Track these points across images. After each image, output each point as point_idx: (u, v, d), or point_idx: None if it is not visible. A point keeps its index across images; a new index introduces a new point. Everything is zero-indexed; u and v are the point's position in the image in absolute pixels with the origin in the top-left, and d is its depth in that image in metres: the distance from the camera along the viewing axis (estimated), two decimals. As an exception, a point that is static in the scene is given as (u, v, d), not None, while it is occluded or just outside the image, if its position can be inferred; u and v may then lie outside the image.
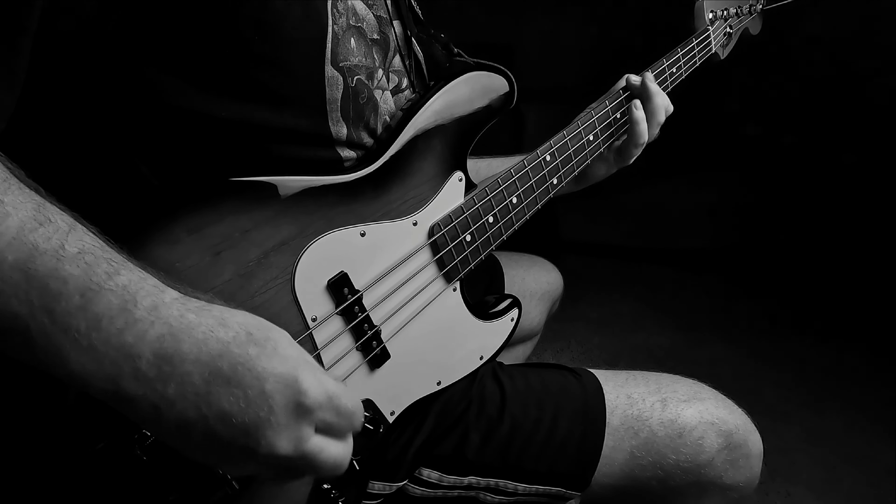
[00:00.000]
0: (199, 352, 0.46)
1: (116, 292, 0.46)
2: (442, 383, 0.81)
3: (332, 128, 0.71)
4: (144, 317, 0.46)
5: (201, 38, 0.61)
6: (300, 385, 0.48)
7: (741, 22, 1.27)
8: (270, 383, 0.47)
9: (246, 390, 0.46)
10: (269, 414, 0.46)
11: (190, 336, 0.46)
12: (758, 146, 2.92)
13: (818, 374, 2.16)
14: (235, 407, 0.46)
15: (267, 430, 0.47)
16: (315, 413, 0.49)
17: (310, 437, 0.49)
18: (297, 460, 0.49)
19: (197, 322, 0.47)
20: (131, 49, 0.59)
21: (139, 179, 0.64)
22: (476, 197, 0.81)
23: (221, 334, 0.47)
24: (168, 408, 0.46)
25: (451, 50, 0.85)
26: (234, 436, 0.46)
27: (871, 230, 2.75)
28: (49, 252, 0.45)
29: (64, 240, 0.46)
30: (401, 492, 0.82)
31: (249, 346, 0.47)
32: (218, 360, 0.46)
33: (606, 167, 1.06)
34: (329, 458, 0.50)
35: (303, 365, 0.49)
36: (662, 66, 1.07)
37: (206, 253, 0.58)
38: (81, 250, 0.46)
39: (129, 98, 0.61)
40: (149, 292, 0.47)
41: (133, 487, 0.57)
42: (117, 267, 0.47)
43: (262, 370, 0.47)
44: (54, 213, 0.48)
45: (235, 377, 0.46)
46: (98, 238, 0.49)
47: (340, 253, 0.67)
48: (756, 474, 0.89)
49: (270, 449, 0.47)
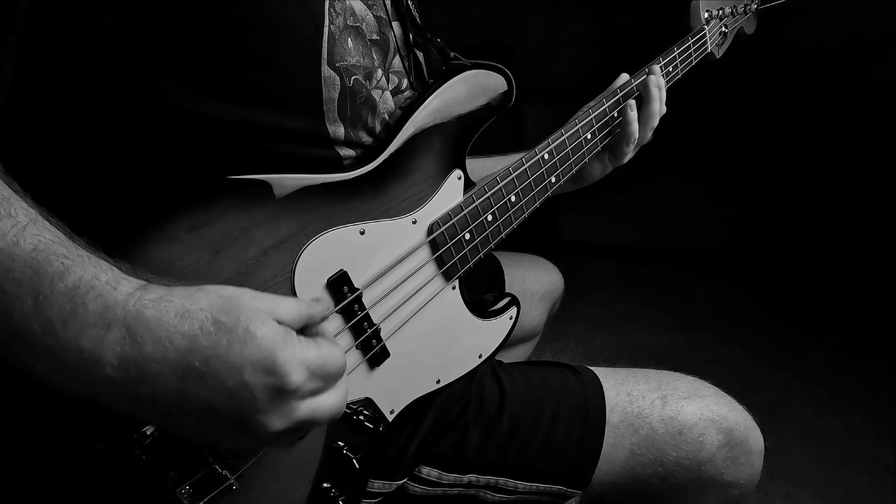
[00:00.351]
0: (164, 351, 0.44)
1: (66, 294, 0.44)
2: (441, 382, 0.81)
3: (329, 128, 0.71)
4: (96, 321, 0.44)
5: (197, 40, 0.61)
6: (278, 368, 0.45)
7: (736, 21, 1.28)
8: (248, 372, 0.45)
9: (224, 382, 0.45)
10: (253, 401, 0.45)
11: (151, 335, 0.44)
12: (758, 146, 2.92)
13: (818, 374, 2.16)
14: (218, 397, 0.45)
15: (256, 415, 0.46)
16: (300, 390, 0.47)
17: (299, 407, 0.48)
18: (295, 427, 0.48)
19: (156, 319, 0.44)
20: (127, 50, 0.59)
21: (138, 178, 0.64)
22: (475, 195, 0.81)
23: (186, 328, 0.45)
24: (149, 406, 0.45)
25: (447, 54, 0.85)
26: (223, 422, 0.46)
27: (871, 230, 2.75)
28: (4, 250, 0.43)
29: (20, 236, 0.44)
30: (401, 490, 0.82)
31: (219, 335, 0.45)
32: (188, 357, 0.44)
33: (602, 167, 1.06)
34: (325, 413, 0.50)
35: (277, 343, 0.46)
36: (659, 65, 1.07)
37: (205, 251, 0.58)
38: (36, 247, 0.44)
39: (126, 99, 0.61)
40: (99, 292, 0.45)
41: (132, 487, 0.57)
42: (69, 265, 0.45)
43: (236, 360, 0.45)
44: (17, 208, 0.46)
45: (210, 371, 0.44)
46: (59, 232, 0.47)
47: (340, 251, 0.67)
48: (757, 472, 0.89)
49: (264, 428, 0.47)
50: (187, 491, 0.57)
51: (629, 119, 0.99)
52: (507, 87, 0.82)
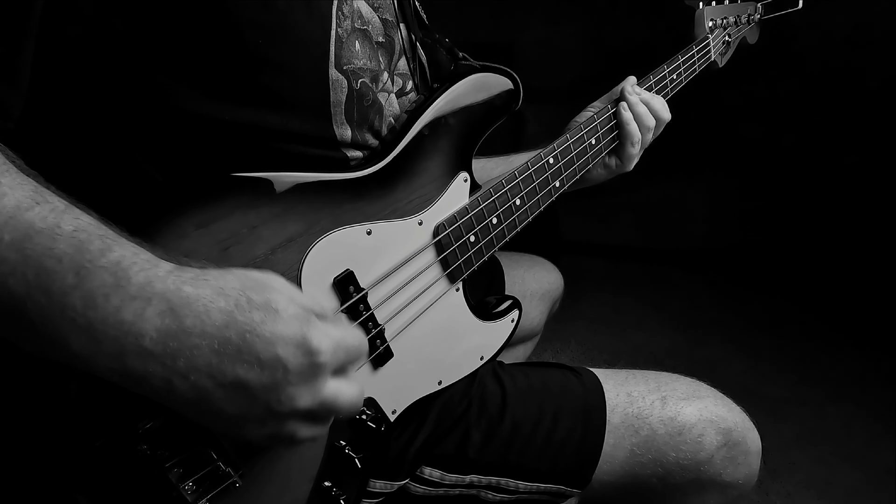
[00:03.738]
0: (203, 325, 0.46)
1: (109, 269, 0.46)
2: (443, 383, 0.81)
3: (336, 130, 0.71)
4: (139, 293, 0.46)
5: (205, 42, 0.61)
6: (310, 344, 0.48)
7: (740, 31, 1.29)
8: (281, 347, 0.47)
9: (258, 356, 0.46)
10: (286, 374, 0.47)
11: (191, 310, 0.46)
12: (758, 146, 2.92)
13: (818, 373, 2.17)
14: (251, 373, 0.47)
15: (287, 388, 0.47)
16: (329, 364, 0.49)
17: (325, 385, 0.50)
18: (318, 409, 0.50)
19: (195, 295, 0.47)
20: (136, 52, 0.60)
21: (144, 177, 0.64)
22: (481, 198, 0.81)
23: (222, 304, 0.47)
24: (181, 381, 0.46)
25: (456, 54, 0.86)
26: (253, 397, 0.47)
27: (872, 230, 2.75)
28: (45, 231, 0.45)
29: (60, 219, 0.46)
30: (402, 490, 0.83)
31: (253, 311, 0.47)
32: (224, 331, 0.46)
33: (607, 172, 1.06)
34: (347, 400, 0.51)
35: (306, 321, 0.49)
36: (663, 73, 1.08)
37: (213, 248, 0.58)
38: (77, 228, 0.46)
39: (135, 100, 0.62)
40: (142, 267, 0.47)
41: (136, 483, 0.58)
42: (110, 243, 0.47)
43: (270, 335, 0.47)
44: (51, 195, 0.48)
45: (245, 345, 0.46)
46: (94, 217, 0.49)
47: (346, 251, 0.68)
48: (755, 472, 0.90)
49: (291, 404, 0.48)
50: (191, 487, 0.58)
51: (625, 119, 1.00)
52: (513, 90, 0.82)
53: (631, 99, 1.00)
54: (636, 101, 1.01)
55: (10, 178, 0.47)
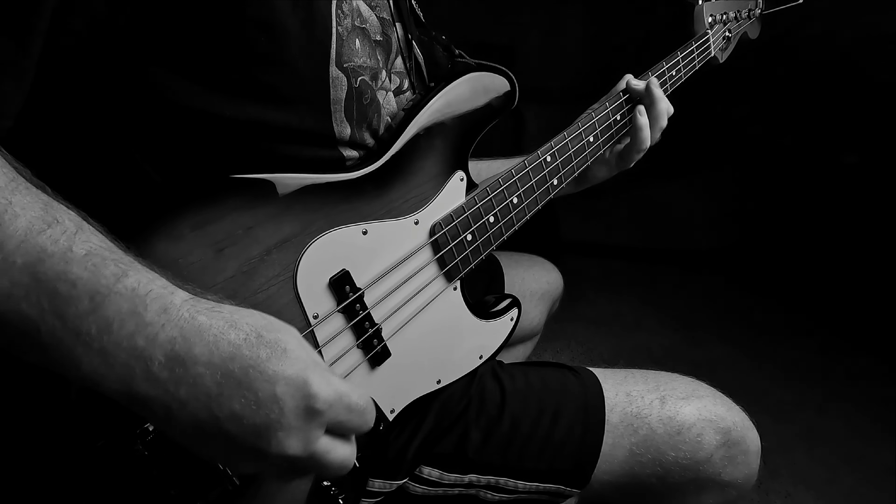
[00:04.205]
0: (210, 354, 0.46)
1: (125, 295, 0.46)
2: (441, 382, 0.81)
3: (335, 128, 0.71)
4: (155, 320, 0.46)
5: (207, 39, 0.61)
6: (310, 388, 0.48)
7: (740, 26, 1.28)
8: (281, 386, 0.47)
9: (257, 393, 0.47)
10: (280, 416, 0.47)
11: (201, 339, 0.47)
12: (758, 146, 2.92)
13: (818, 374, 2.17)
14: (247, 409, 0.46)
15: (278, 432, 0.47)
16: (325, 414, 0.49)
17: (319, 437, 0.49)
18: (306, 460, 0.49)
19: (208, 324, 0.47)
20: (137, 49, 0.60)
21: (141, 176, 0.64)
22: (477, 196, 0.81)
23: (232, 336, 0.47)
24: (180, 408, 0.46)
25: (453, 52, 0.86)
26: (244, 435, 0.47)
27: (872, 231, 2.75)
28: (57, 255, 0.45)
29: (72, 241, 0.46)
30: (401, 490, 0.83)
31: (260, 348, 0.48)
32: (229, 363, 0.47)
33: (607, 169, 1.06)
34: (336, 459, 0.51)
35: (312, 367, 0.49)
36: (662, 69, 1.08)
37: (208, 249, 0.58)
38: (89, 252, 0.47)
39: (134, 96, 0.62)
40: (159, 294, 0.47)
41: (134, 483, 0.57)
42: (125, 269, 0.47)
43: (272, 373, 0.47)
44: (61, 213, 0.48)
45: (247, 380, 0.46)
46: (105, 238, 0.49)
47: (342, 251, 0.68)
48: (754, 471, 0.90)
49: (280, 449, 0.47)
50: (190, 488, 0.58)
51: (640, 125, 0.99)
52: (509, 89, 0.82)
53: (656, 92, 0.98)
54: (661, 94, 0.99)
55: (20, 197, 0.46)
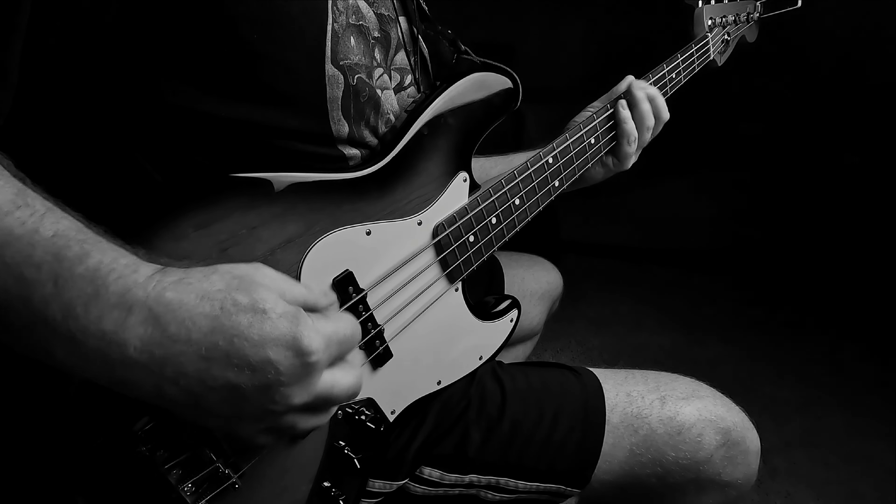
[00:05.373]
0: (188, 332, 0.45)
1: (87, 277, 0.44)
2: (442, 383, 0.82)
3: (332, 126, 0.71)
4: (119, 302, 0.44)
5: (201, 38, 0.61)
6: (300, 344, 0.46)
7: (739, 29, 1.29)
8: (271, 349, 0.46)
9: (248, 359, 0.45)
10: (278, 375, 0.46)
11: (174, 317, 0.45)
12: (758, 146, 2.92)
13: (818, 374, 2.17)
14: (242, 376, 0.46)
15: (280, 388, 0.47)
16: (321, 360, 0.48)
17: (319, 379, 0.49)
18: (315, 402, 0.49)
19: (178, 301, 0.45)
20: (131, 48, 0.60)
21: (142, 176, 0.64)
22: (480, 198, 0.81)
23: (207, 308, 0.45)
24: (171, 386, 0.45)
25: (459, 47, 0.85)
26: (246, 398, 0.47)
27: (872, 230, 2.76)
28: (24, 237, 0.44)
29: (39, 224, 0.45)
30: (402, 490, 0.83)
31: (239, 315, 0.46)
32: (211, 336, 0.45)
33: (605, 171, 1.07)
34: (343, 390, 0.51)
35: (297, 319, 0.47)
36: (662, 72, 1.08)
37: (212, 249, 0.58)
38: (56, 233, 0.45)
39: (131, 97, 0.61)
40: (120, 273, 0.45)
41: (134, 484, 0.57)
42: (88, 249, 0.45)
43: (258, 338, 0.46)
44: (32, 198, 0.47)
45: (234, 349, 0.45)
46: (76, 220, 0.47)
47: (346, 251, 0.68)
48: (754, 471, 0.90)
49: (286, 402, 0.47)
50: (190, 489, 0.57)
51: (623, 117, 1.00)
52: (512, 89, 0.82)
53: (638, 94, 1.00)
54: (643, 96, 1.00)
55: None
